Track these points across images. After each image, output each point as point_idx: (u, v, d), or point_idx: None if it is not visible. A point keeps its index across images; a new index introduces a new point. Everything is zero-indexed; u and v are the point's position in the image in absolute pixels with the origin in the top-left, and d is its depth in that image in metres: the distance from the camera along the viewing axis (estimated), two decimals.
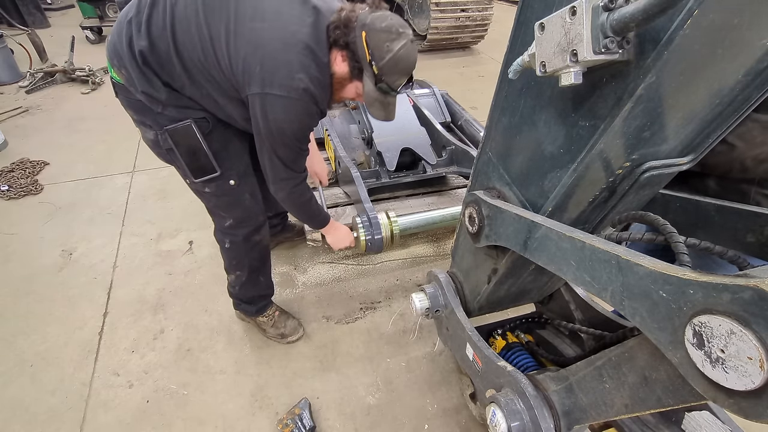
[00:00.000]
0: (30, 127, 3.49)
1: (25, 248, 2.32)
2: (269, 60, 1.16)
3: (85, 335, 1.89)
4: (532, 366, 1.34)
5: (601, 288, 0.67)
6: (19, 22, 4.96)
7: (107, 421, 1.59)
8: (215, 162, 1.38)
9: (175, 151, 1.34)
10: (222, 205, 1.56)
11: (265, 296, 1.90)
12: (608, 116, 0.64)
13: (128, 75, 1.24)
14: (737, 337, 0.48)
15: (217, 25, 1.17)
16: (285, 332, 1.91)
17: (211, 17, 1.17)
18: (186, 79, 1.24)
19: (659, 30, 0.54)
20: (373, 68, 1.18)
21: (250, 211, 1.58)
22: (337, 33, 1.19)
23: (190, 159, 1.37)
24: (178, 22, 1.19)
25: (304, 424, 1.55)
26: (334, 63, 1.25)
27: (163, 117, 1.29)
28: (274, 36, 1.16)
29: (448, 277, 1.38)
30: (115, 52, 1.24)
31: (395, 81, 1.22)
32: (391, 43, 1.16)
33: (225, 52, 1.18)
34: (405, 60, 1.18)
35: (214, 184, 1.45)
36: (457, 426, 1.63)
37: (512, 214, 0.88)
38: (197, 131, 1.31)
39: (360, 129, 2.87)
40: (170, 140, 1.31)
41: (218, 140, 1.39)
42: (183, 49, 1.20)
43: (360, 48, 1.18)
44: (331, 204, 2.40)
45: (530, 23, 0.73)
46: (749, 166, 1.02)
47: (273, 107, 1.20)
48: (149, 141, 1.41)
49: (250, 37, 1.16)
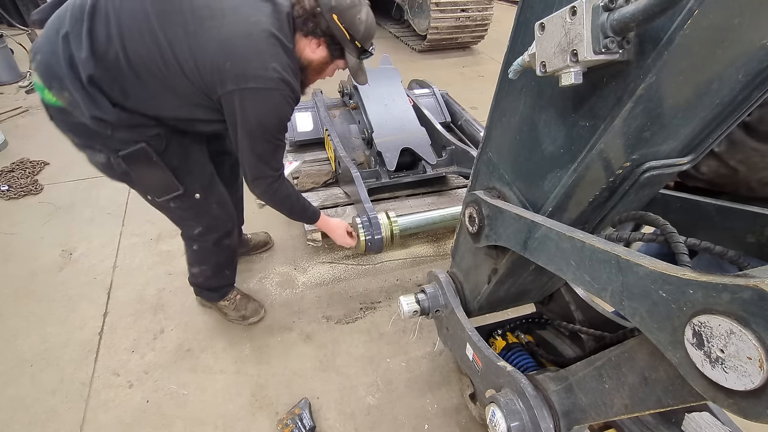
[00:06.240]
0: (30, 127, 3.49)
1: (25, 248, 2.32)
2: (239, 54, 1.13)
3: (85, 335, 1.88)
4: (531, 366, 1.34)
5: (601, 288, 0.67)
6: (19, 22, 4.95)
7: (107, 421, 1.59)
8: (176, 180, 1.34)
9: (131, 175, 1.29)
10: (188, 216, 1.54)
11: (230, 284, 1.90)
12: (608, 116, 0.64)
13: (71, 98, 1.12)
14: (737, 337, 0.48)
15: (174, 29, 1.11)
16: (246, 314, 1.92)
17: (166, 22, 1.11)
18: (142, 92, 1.16)
19: (659, 30, 0.54)
20: (356, 43, 1.27)
21: (218, 219, 1.57)
22: (309, 24, 1.23)
23: (149, 180, 1.32)
24: (127, 31, 1.09)
25: (304, 424, 1.55)
26: (309, 50, 1.29)
27: (113, 140, 1.21)
28: (237, 30, 1.14)
29: (448, 277, 1.38)
30: (52, 74, 1.11)
31: (369, 45, 1.32)
32: (359, 15, 1.24)
33: (188, 55, 1.12)
34: (372, 23, 1.28)
35: (178, 200, 1.43)
36: (457, 426, 1.63)
37: (512, 214, 0.88)
38: (153, 152, 1.24)
39: (360, 129, 2.87)
40: (124, 164, 1.25)
41: (176, 155, 1.33)
42: (137, 61, 1.11)
43: (337, 30, 1.24)
44: (331, 204, 2.40)
45: (530, 23, 0.73)
46: (755, 187, 1.06)
47: (252, 101, 1.18)
48: (99, 164, 1.32)
49: (213, 35, 1.12)
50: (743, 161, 1.02)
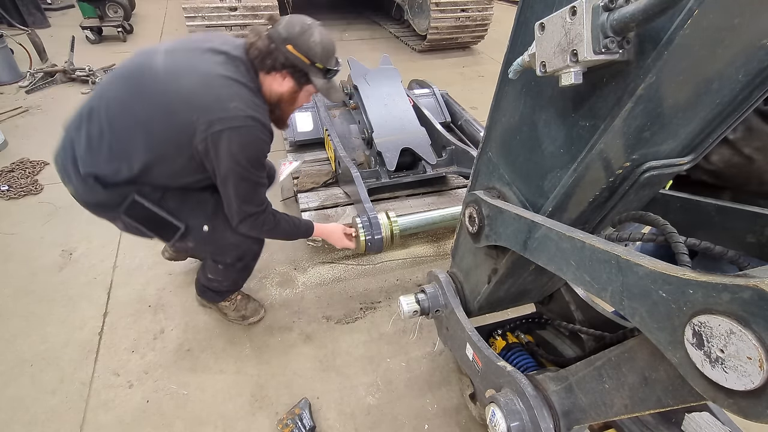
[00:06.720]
0: (30, 127, 3.49)
1: (25, 248, 2.32)
2: (202, 105, 1.22)
3: (85, 335, 1.88)
4: (531, 366, 1.34)
5: (601, 288, 0.67)
6: (19, 22, 4.95)
7: (107, 421, 1.59)
8: (175, 220, 1.43)
9: (141, 229, 1.42)
10: (212, 251, 1.62)
11: (237, 290, 1.92)
12: (608, 116, 0.65)
13: (74, 187, 1.34)
14: (737, 337, 0.48)
15: (149, 107, 1.25)
16: (246, 314, 1.93)
17: (141, 102, 1.25)
18: (134, 171, 1.30)
19: (659, 30, 0.54)
20: (317, 65, 1.31)
21: (240, 246, 1.61)
22: (267, 61, 1.29)
23: (152, 227, 1.43)
24: (114, 121, 1.27)
25: (304, 424, 1.55)
26: (276, 85, 1.34)
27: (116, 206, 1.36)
28: (194, 83, 1.24)
29: (448, 277, 1.38)
30: (65, 171, 1.34)
31: (333, 62, 1.35)
32: (312, 38, 1.27)
33: (166, 124, 1.25)
34: (328, 41, 1.31)
35: (190, 238, 1.50)
36: (457, 426, 1.63)
37: (512, 214, 0.88)
38: (145, 200, 1.36)
39: (360, 129, 2.87)
40: (130, 220, 1.39)
41: (173, 198, 1.43)
42: (126, 145, 1.27)
43: (296, 59, 1.28)
44: (331, 204, 2.40)
45: (530, 23, 0.73)
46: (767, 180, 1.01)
47: (222, 143, 1.24)
48: (123, 229, 1.47)
49: (179, 97, 1.23)
50: (761, 149, 0.97)
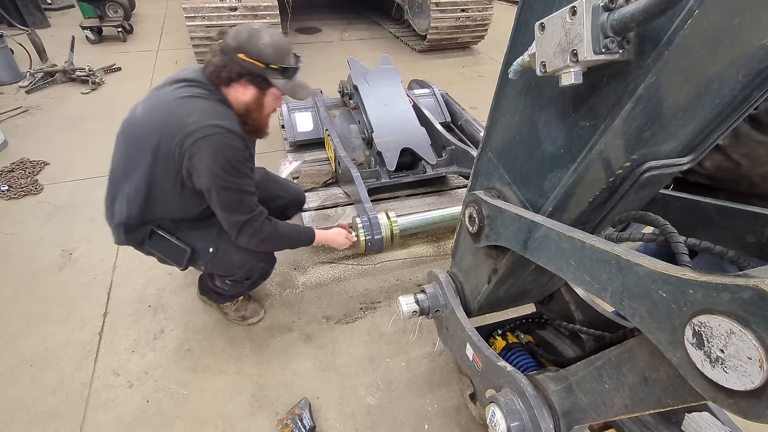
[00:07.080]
0: (30, 127, 3.48)
1: (25, 248, 2.32)
2: (170, 130, 1.29)
3: (85, 335, 1.88)
4: (531, 366, 1.34)
5: (601, 288, 0.67)
6: (19, 22, 4.95)
7: (107, 421, 1.59)
8: (182, 244, 1.53)
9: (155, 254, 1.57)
10: (223, 271, 1.67)
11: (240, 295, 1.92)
12: (608, 116, 0.64)
13: (114, 236, 1.54)
14: (737, 337, 0.48)
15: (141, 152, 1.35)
16: (246, 314, 1.95)
17: (135, 151, 1.36)
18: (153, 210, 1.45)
19: (659, 30, 0.54)
20: (272, 66, 1.31)
21: (245, 265, 1.63)
22: (223, 74, 1.32)
23: (164, 252, 1.56)
24: (120, 172, 1.43)
25: (304, 424, 1.55)
26: (240, 95, 1.37)
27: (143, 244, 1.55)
28: (161, 115, 1.32)
29: (448, 277, 1.38)
30: (109, 222, 1.55)
31: (290, 60, 1.35)
32: (261, 41, 1.28)
33: (154, 161, 1.33)
34: (280, 41, 1.32)
35: (199, 260, 1.58)
36: (457, 426, 1.63)
37: (512, 214, 0.88)
38: (158, 229, 1.51)
39: (360, 129, 2.87)
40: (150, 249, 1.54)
41: (186, 226, 1.54)
42: (138, 192, 1.39)
43: (250, 65, 1.30)
44: (331, 204, 2.40)
45: (530, 23, 0.73)
46: (756, 182, 1.05)
47: (197, 157, 1.28)
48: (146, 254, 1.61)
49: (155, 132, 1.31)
50: (747, 155, 1.02)
